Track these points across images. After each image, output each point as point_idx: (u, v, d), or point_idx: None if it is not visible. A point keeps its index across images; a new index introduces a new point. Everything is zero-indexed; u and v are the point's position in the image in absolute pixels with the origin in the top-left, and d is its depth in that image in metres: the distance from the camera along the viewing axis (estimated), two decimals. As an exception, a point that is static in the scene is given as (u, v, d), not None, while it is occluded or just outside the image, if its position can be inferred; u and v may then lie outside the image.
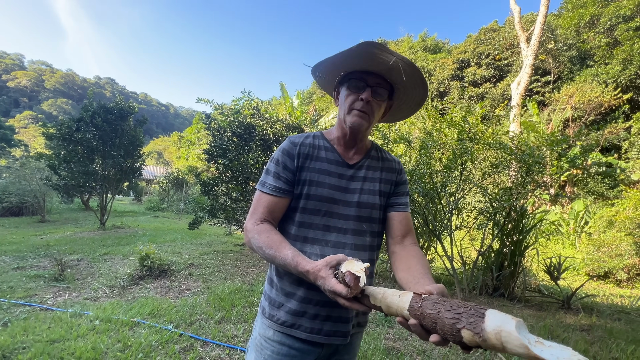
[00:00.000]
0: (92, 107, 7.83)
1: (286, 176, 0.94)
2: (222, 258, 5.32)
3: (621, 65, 13.98)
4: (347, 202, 0.94)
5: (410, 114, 1.06)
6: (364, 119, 0.91)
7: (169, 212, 14.57)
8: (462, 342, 0.45)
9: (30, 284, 3.54)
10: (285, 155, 0.95)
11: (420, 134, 4.11)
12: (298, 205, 0.94)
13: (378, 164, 1.02)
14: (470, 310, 0.45)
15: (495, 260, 4.00)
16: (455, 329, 0.45)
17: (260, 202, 0.94)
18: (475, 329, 0.41)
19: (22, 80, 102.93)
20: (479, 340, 0.41)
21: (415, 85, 0.93)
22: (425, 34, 31.05)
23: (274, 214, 0.93)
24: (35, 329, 2.45)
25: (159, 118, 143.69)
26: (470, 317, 0.43)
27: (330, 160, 0.97)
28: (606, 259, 6.51)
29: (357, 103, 0.91)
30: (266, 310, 0.97)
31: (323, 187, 0.94)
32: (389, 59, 0.85)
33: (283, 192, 0.94)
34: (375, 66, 0.89)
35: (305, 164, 0.95)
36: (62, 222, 9.39)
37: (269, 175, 0.95)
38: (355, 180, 0.97)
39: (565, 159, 3.36)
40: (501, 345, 0.39)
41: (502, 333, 0.39)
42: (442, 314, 0.48)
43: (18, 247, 5.38)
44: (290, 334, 0.91)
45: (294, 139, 0.99)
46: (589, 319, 3.31)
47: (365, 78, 0.91)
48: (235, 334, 2.58)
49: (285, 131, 5.53)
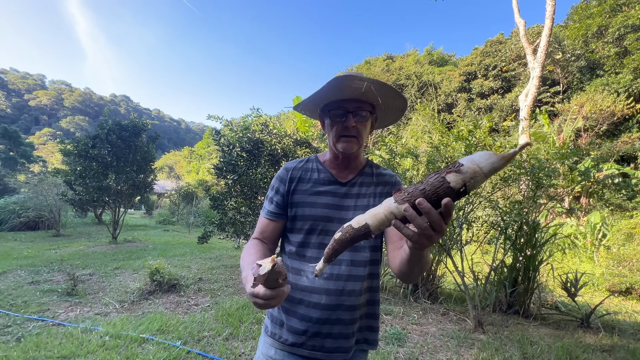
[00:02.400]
0: (108, 124, 8.12)
1: (277, 200, 1.02)
2: (231, 273, 5.33)
3: (632, 74, 13.78)
4: (342, 220, 0.96)
5: (397, 120, 1.09)
6: (353, 142, 0.96)
7: (179, 225, 14.72)
8: (449, 187, 0.49)
9: (44, 298, 3.61)
10: (278, 181, 1.04)
11: (427, 147, 4.11)
12: (294, 226, 0.99)
13: (372, 180, 1.04)
14: (447, 167, 0.52)
15: (508, 275, 3.89)
16: (441, 178, 0.50)
17: (258, 224, 1.05)
18: (455, 166, 0.49)
19: (42, 99, 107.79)
20: (462, 173, 0.48)
21: (393, 99, 0.97)
22: (431, 48, 31.35)
23: (264, 233, 1.01)
24: (47, 344, 2.48)
25: (171, 133, 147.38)
26: (448, 167, 0.51)
27: (322, 180, 1.01)
28: (627, 274, 6.22)
29: (344, 130, 0.95)
30: (269, 328, 0.99)
31: (316, 207, 0.97)
32: (360, 85, 0.88)
33: (274, 215, 1.02)
34: (349, 93, 0.93)
35: (298, 187, 1.01)
36: (75, 236, 9.59)
37: (266, 201, 1.06)
38: (349, 198, 1.00)
39: (577, 172, 3.29)
40: (478, 168, 0.47)
41: (474, 159, 0.48)
42: (426, 180, 0.53)
43: (33, 261, 5.51)
44: (292, 352, 0.93)
45: (288, 165, 1.06)
46: (610, 338, 3.15)
47: (343, 105, 0.95)
48: (243, 352, 2.56)
49: (293, 146, 5.60)
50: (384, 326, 3.20)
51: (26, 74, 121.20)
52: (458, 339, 2.97)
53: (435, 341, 2.95)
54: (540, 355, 2.65)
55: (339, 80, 0.88)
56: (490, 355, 2.63)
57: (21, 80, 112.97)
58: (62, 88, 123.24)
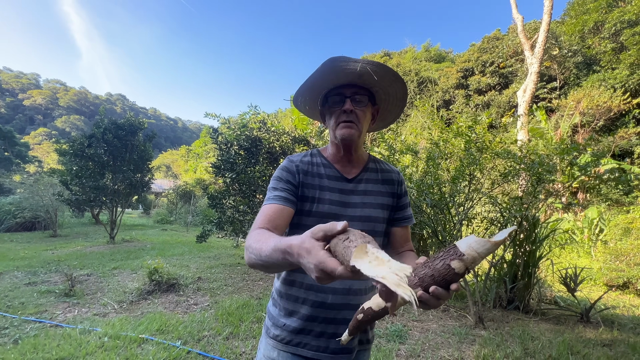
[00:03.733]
0: (104, 123, 8.04)
1: (289, 188, 0.93)
2: (230, 271, 5.30)
3: (629, 69, 13.84)
4: (349, 217, 0.94)
5: (399, 112, 1.06)
6: (352, 128, 0.93)
7: (177, 224, 14.65)
8: (455, 273, 0.55)
9: (41, 299, 3.57)
10: (285, 172, 0.96)
11: (427, 144, 4.09)
12: (300, 222, 0.95)
13: (377, 176, 1.03)
14: (447, 250, 0.57)
15: (508, 271, 3.89)
16: (447, 265, 0.55)
17: (261, 214, 0.87)
18: (457, 254, 0.54)
19: (37, 99, 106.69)
20: (464, 260, 0.53)
21: (391, 82, 0.94)
22: (429, 44, 31.32)
23: (275, 221, 0.84)
24: (45, 346, 2.45)
25: (168, 132, 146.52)
26: (449, 252, 0.56)
27: (329, 176, 0.98)
28: (624, 268, 6.26)
29: (342, 116, 0.93)
30: (270, 329, 0.96)
31: (324, 204, 0.94)
32: (355, 67, 0.86)
33: (286, 200, 0.90)
34: (345, 77, 0.91)
35: (307, 180, 0.96)
36: (72, 236, 9.52)
37: (272, 191, 0.93)
38: (355, 195, 0.98)
39: (577, 167, 3.29)
40: (476, 254, 0.52)
41: (472, 245, 0.52)
42: (433, 265, 0.58)
43: (30, 262, 5.46)
44: (295, 353, 0.90)
45: (292, 157, 1.02)
46: (610, 332, 3.17)
47: (341, 91, 0.93)
48: (244, 351, 2.54)
49: (291, 144, 5.57)
50: (385, 323, 3.19)
51: (20, 73, 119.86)
52: (459, 335, 2.97)
53: (437, 338, 2.94)
54: (541, 351, 2.65)
55: (333, 61, 0.86)
56: (492, 351, 2.63)
57: (15, 79, 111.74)
58: (57, 87, 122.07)
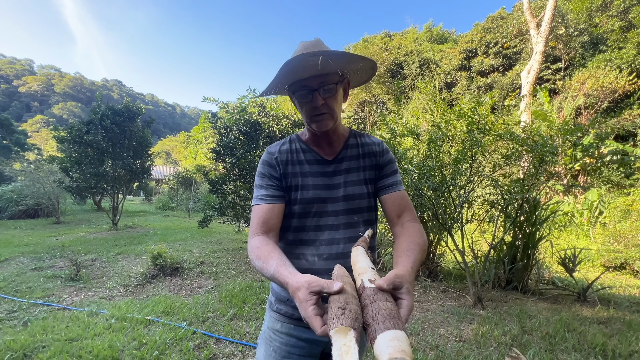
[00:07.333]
0: (101, 109, 7.94)
1: (274, 184, 0.95)
2: (232, 255, 5.37)
3: (636, 49, 13.47)
4: (334, 199, 0.95)
5: (370, 77, 1.03)
6: (326, 119, 0.91)
7: (179, 211, 14.76)
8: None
9: (48, 284, 3.63)
10: (267, 167, 0.97)
11: (429, 126, 4.04)
12: (289, 210, 0.95)
13: (358, 151, 1.01)
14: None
15: (507, 253, 3.93)
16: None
17: (254, 216, 0.93)
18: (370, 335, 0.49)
19: (32, 85, 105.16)
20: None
21: (357, 62, 0.91)
22: (431, 25, 30.35)
23: (269, 223, 0.90)
24: (54, 328, 2.51)
25: (166, 118, 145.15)
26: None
27: (309, 160, 0.98)
28: (622, 250, 6.34)
29: (313, 110, 0.90)
30: (274, 304, 0.99)
31: (308, 190, 0.94)
32: (315, 62, 0.81)
33: (275, 198, 0.93)
34: (308, 72, 0.85)
35: (288, 170, 0.96)
36: (76, 223, 9.61)
37: (258, 189, 0.96)
38: (338, 175, 0.97)
39: (580, 148, 3.26)
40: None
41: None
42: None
43: (35, 248, 5.53)
44: (298, 325, 0.93)
45: (270, 149, 1.01)
46: (606, 311, 3.23)
47: (306, 84, 0.88)
48: (248, 331, 2.60)
49: (291, 127, 5.51)
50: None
51: (13, 59, 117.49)
52: (458, 315, 3.03)
53: (436, 317, 3.01)
54: (538, 328, 2.72)
55: (290, 64, 0.82)
56: (490, 329, 2.69)
57: (9, 65, 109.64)
58: (52, 73, 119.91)
